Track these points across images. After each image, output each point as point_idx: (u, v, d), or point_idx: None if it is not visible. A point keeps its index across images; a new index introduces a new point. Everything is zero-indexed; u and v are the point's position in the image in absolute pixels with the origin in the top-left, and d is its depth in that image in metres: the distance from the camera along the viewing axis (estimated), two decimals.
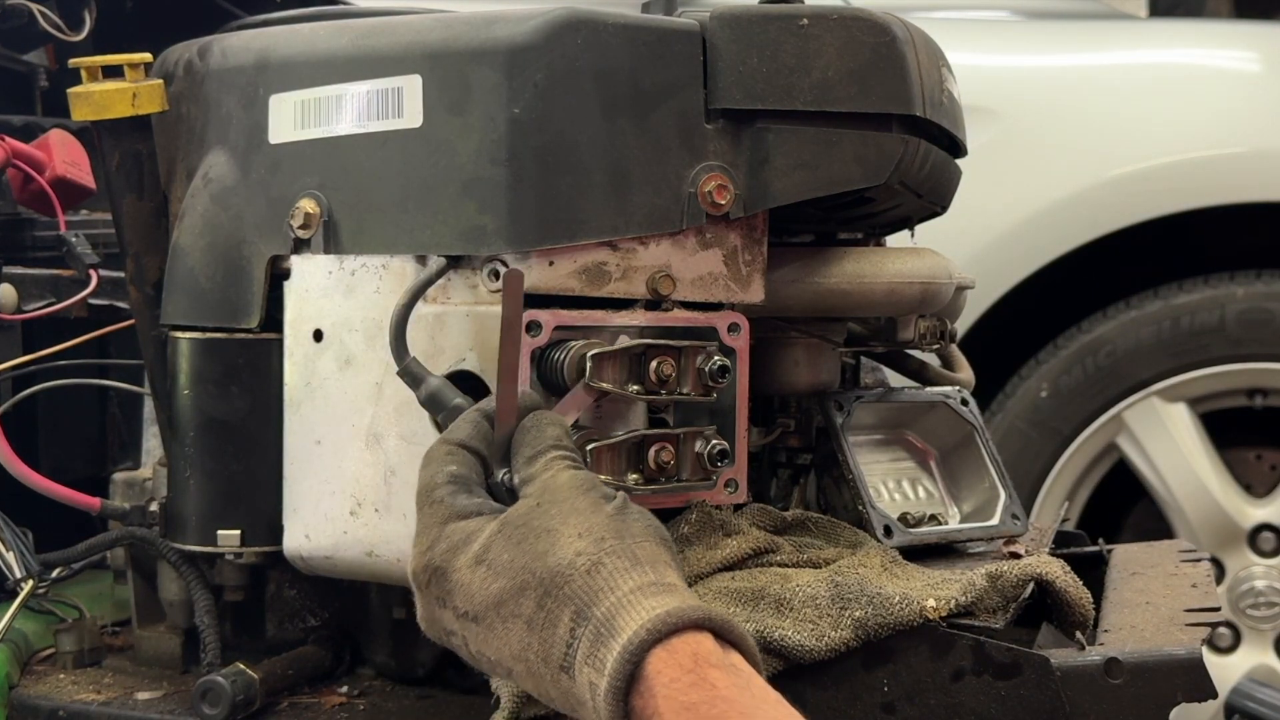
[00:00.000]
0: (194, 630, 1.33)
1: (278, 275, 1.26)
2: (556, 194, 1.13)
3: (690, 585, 1.13)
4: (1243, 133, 2.50)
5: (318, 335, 1.23)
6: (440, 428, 1.15)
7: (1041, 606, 1.19)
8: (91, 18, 1.64)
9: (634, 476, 1.14)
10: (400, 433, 1.18)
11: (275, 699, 1.26)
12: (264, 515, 1.27)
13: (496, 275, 1.15)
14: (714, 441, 1.17)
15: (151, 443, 1.47)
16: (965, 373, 1.60)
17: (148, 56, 1.33)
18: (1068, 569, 1.19)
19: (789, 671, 1.09)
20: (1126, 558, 1.46)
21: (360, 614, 1.34)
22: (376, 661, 1.34)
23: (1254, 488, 2.56)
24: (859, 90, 1.18)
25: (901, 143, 1.20)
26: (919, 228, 1.52)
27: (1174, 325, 2.44)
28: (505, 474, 1.01)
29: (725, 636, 0.89)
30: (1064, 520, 1.57)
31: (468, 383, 1.14)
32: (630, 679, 0.86)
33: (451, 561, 0.95)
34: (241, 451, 1.27)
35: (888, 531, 1.29)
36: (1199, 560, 1.42)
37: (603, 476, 1.11)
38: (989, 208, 2.50)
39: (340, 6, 1.51)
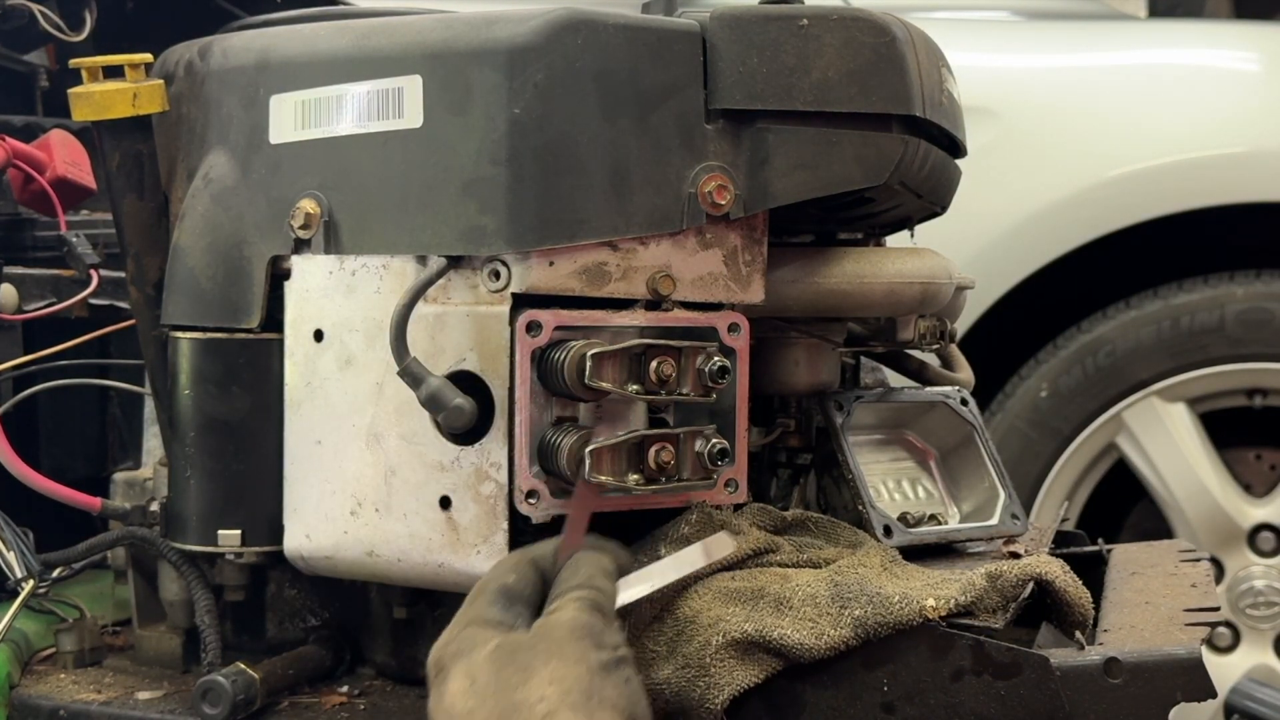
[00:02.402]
0: (194, 630, 1.33)
1: (278, 275, 1.26)
2: (557, 194, 1.14)
3: (690, 586, 1.14)
4: (1243, 133, 2.50)
5: (318, 335, 1.23)
6: (440, 427, 1.15)
7: (1041, 606, 1.19)
8: (92, 18, 1.64)
9: (634, 477, 1.14)
10: (401, 433, 1.18)
11: (276, 699, 1.26)
12: (264, 515, 1.27)
13: (497, 275, 1.15)
14: (714, 441, 1.17)
15: (152, 443, 1.47)
16: (965, 373, 1.60)
17: (148, 57, 1.33)
18: (1067, 569, 1.19)
19: (789, 671, 1.09)
20: (1126, 558, 1.46)
21: (360, 614, 1.34)
22: (377, 661, 1.34)
23: (1253, 488, 2.56)
24: (859, 90, 1.18)
25: (901, 143, 1.20)
26: (919, 228, 1.52)
27: (1174, 325, 2.44)
28: None
29: None
30: (1063, 520, 1.57)
31: (468, 383, 1.14)
32: None
33: (453, 664, 0.98)
34: (242, 451, 1.27)
35: (888, 531, 1.29)
36: (1198, 560, 1.42)
37: (603, 477, 1.11)
38: (989, 208, 2.50)
39: (341, 7, 1.51)
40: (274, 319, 1.26)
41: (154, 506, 1.33)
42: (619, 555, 1.09)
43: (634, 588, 1.08)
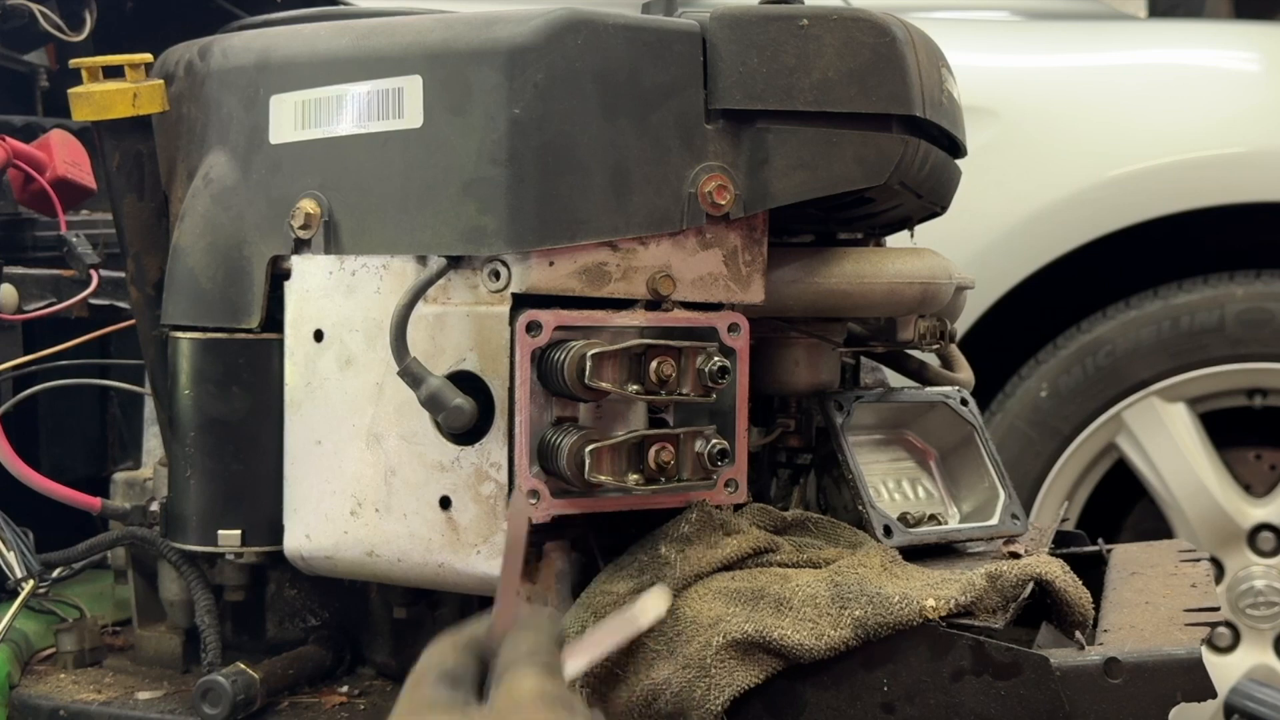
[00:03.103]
0: (194, 630, 1.33)
1: (278, 275, 1.26)
2: (557, 194, 1.14)
3: (690, 585, 1.14)
4: (1243, 133, 2.49)
5: (318, 335, 1.23)
6: (440, 427, 1.15)
7: (1041, 606, 1.19)
8: (92, 18, 1.64)
9: (634, 477, 1.14)
10: (400, 433, 1.18)
11: (276, 699, 1.27)
12: (264, 515, 1.27)
13: (497, 275, 1.15)
14: (714, 441, 1.17)
15: (152, 443, 1.47)
16: (965, 373, 1.60)
17: (148, 57, 1.33)
18: (1067, 569, 1.19)
19: (789, 671, 1.09)
20: (1126, 558, 1.46)
21: (360, 614, 1.34)
22: (376, 661, 1.34)
23: (1253, 488, 2.56)
24: (859, 91, 1.18)
25: (901, 143, 1.20)
26: (919, 228, 1.52)
27: (1174, 325, 2.44)
28: None
29: None
30: (1063, 520, 1.57)
31: (468, 383, 1.14)
32: None
33: None
34: (242, 451, 1.27)
35: (888, 531, 1.29)
36: (1198, 560, 1.42)
37: (603, 477, 1.11)
38: (989, 208, 2.50)
39: (341, 7, 1.51)
40: (274, 319, 1.26)
41: (154, 506, 1.33)
42: (554, 625, 1.04)
43: (577, 658, 1.02)
